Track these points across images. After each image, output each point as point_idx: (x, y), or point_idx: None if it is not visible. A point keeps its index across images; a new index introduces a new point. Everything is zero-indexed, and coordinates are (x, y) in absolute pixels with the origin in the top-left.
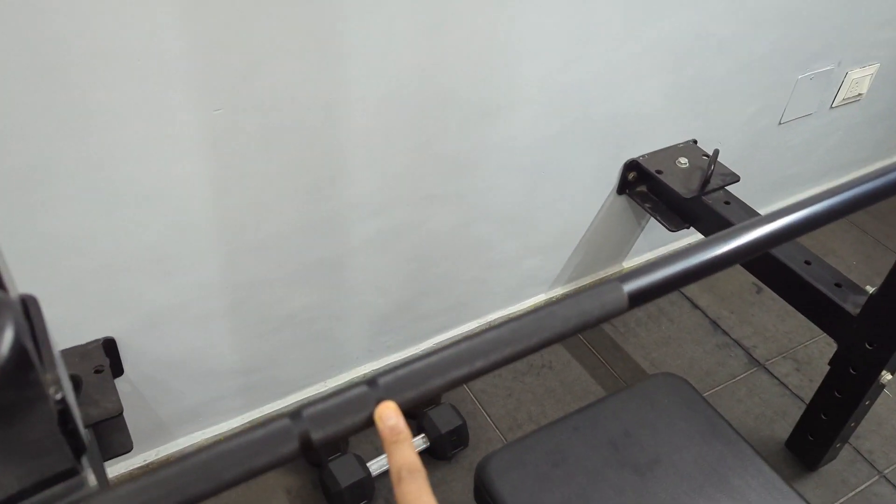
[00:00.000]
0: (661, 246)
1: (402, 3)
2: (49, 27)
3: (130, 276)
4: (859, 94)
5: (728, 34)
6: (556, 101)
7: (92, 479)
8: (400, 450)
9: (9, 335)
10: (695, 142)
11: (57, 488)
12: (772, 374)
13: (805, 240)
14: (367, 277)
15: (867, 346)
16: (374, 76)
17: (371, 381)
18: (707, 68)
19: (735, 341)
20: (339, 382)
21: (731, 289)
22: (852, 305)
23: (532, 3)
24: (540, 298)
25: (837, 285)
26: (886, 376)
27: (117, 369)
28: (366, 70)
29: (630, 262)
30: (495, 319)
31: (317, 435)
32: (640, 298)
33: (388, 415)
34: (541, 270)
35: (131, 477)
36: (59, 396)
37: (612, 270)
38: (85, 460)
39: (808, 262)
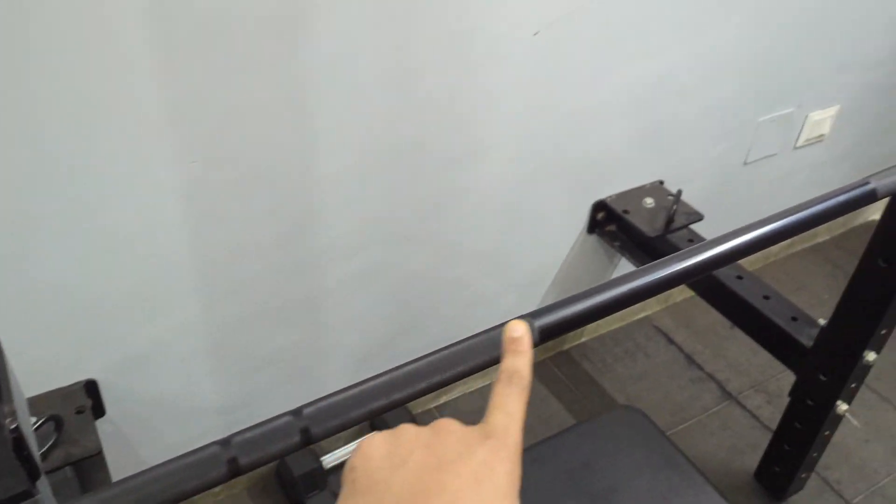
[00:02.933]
0: None
1: (368, 59)
2: (29, 85)
3: (111, 320)
4: (821, 135)
5: (689, 81)
6: (523, 146)
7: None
8: (515, 357)
9: None
10: (661, 182)
11: None
12: (744, 406)
13: (779, 275)
14: (347, 317)
15: (821, 377)
16: (344, 126)
17: (296, 411)
18: (671, 112)
19: (709, 375)
20: None
21: (706, 324)
22: (807, 338)
23: (495, 57)
24: None
25: (794, 319)
26: (842, 406)
27: (99, 410)
28: (335, 121)
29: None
30: None
31: (244, 460)
32: (550, 333)
33: (515, 328)
34: (518, 307)
35: None
36: (13, 426)
37: None
38: (42, 484)
39: (766, 297)
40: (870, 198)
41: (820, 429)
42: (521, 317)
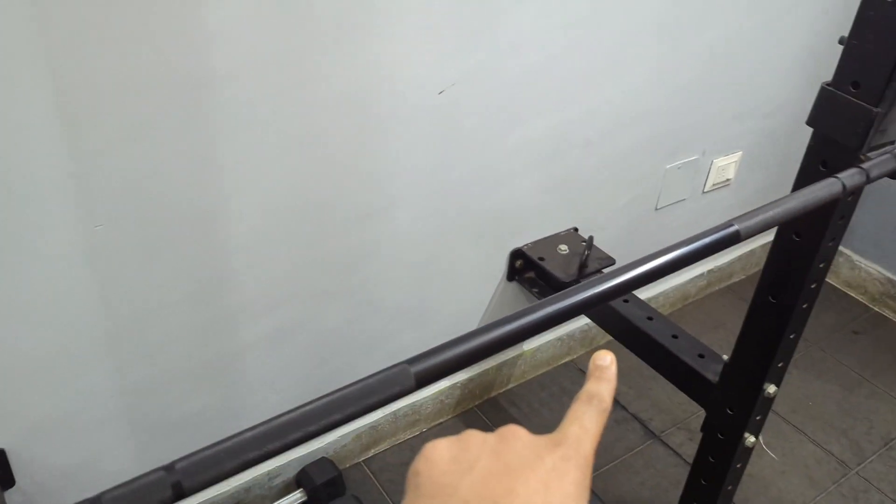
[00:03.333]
0: (559, 328)
1: (272, 121)
2: None
3: (19, 387)
4: (727, 180)
5: (592, 133)
6: (434, 201)
7: None
8: (597, 383)
9: None
10: (575, 229)
11: None
12: (667, 444)
13: (698, 314)
14: (263, 377)
15: (728, 411)
16: (250, 187)
17: (168, 466)
18: (577, 164)
19: (633, 415)
20: (242, 480)
21: (630, 365)
22: (712, 374)
23: (400, 116)
24: (444, 384)
25: (700, 356)
26: (750, 438)
27: (8, 480)
28: (241, 182)
29: (530, 346)
30: (400, 408)
31: None
32: (426, 379)
33: (604, 357)
34: None
35: None
36: None
37: (512, 354)
38: None
39: (675, 336)
40: (734, 238)
41: (732, 461)
42: (398, 365)
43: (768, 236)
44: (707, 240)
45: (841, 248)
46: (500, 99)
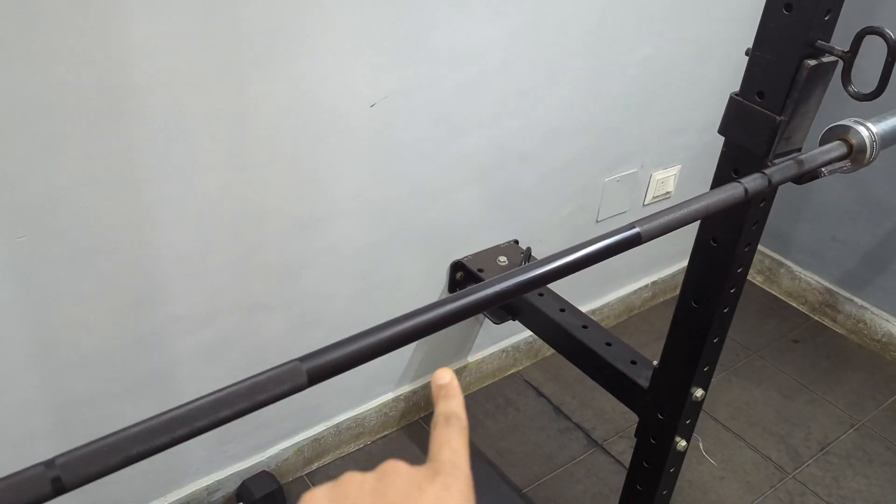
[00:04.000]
0: (504, 339)
1: (203, 130)
2: None
3: None
4: (668, 192)
5: (528, 148)
6: (373, 212)
7: None
8: (447, 401)
9: None
10: (516, 241)
11: None
12: (609, 453)
13: (642, 325)
14: (200, 389)
15: (659, 416)
16: (181, 196)
17: (48, 461)
18: (515, 177)
19: (576, 424)
20: (180, 496)
21: (574, 376)
22: (643, 379)
23: (336, 127)
24: (388, 397)
25: (633, 362)
26: (681, 443)
27: None
28: (172, 191)
29: (475, 357)
30: (343, 421)
31: None
32: (319, 376)
33: (442, 375)
34: (384, 370)
35: None
36: None
37: (458, 365)
38: None
39: (608, 344)
40: (636, 240)
41: (665, 466)
42: (290, 362)
43: None
44: (609, 241)
45: (781, 258)
46: (437, 112)
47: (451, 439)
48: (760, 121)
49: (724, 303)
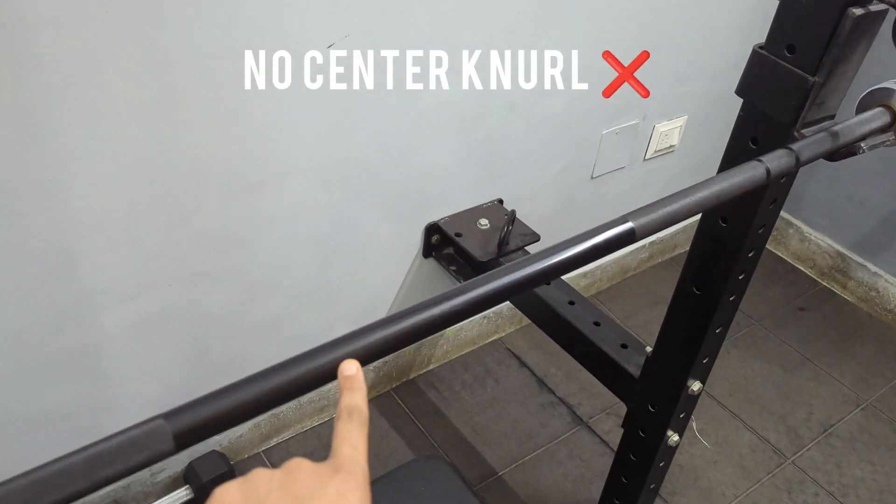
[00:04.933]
0: None
1: (118, 66)
2: None
3: None
4: (671, 146)
5: (519, 95)
6: (331, 170)
7: None
8: (351, 395)
9: None
10: (500, 201)
11: None
12: (594, 431)
13: (638, 288)
14: (135, 365)
15: (650, 408)
16: (96, 153)
17: None
18: (500, 129)
19: (560, 399)
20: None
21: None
22: (634, 367)
23: (280, 76)
24: None
25: (623, 346)
26: (674, 437)
27: None
28: (85, 146)
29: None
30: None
31: None
32: (187, 440)
33: (348, 367)
34: None
35: None
36: None
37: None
38: None
39: (597, 324)
40: (629, 238)
41: (654, 460)
42: (154, 420)
43: None
44: (597, 239)
45: (791, 218)
46: (407, 54)
47: (352, 435)
48: (789, 81)
49: (730, 290)
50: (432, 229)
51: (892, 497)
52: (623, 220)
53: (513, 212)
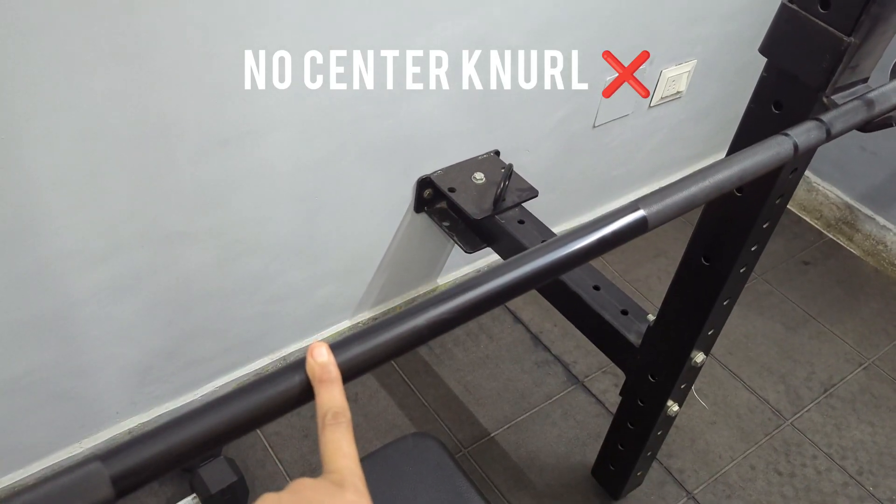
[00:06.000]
0: (480, 258)
1: (75, 20)
2: None
3: None
4: (678, 92)
5: (517, 38)
6: (315, 121)
7: None
8: (328, 390)
9: None
10: (497, 153)
11: None
12: (589, 391)
13: (638, 241)
14: (109, 329)
15: (650, 378)
16: (56, 105)
17: None
18: (498, 75)
19: (556, 357)
20: (98, 441)
21: None
22: (635, 335)
23: (252, 21)
24: (344, 325)
25: (624, 312)
26: (673, 407)
27: None
28: (45, 99)
29: (445, 279)
30: (290, 353)
31: None
32: (129, 483)
33: (321, 352)
34: (338, 297)
35: None
36: None
37: (424, 289)
38: None
39: (596, 288)
40: (641, 227)
41: (652, 430)
42: (91, 463)
43: (715, 155)
44: (605, 231)
45: None
46: None
47: (343, 443)
48: (821, 41)
49: (741, 262)
50: (424, 183)
51: (890, 459)
52: (633, 207)
53: (510, 166)
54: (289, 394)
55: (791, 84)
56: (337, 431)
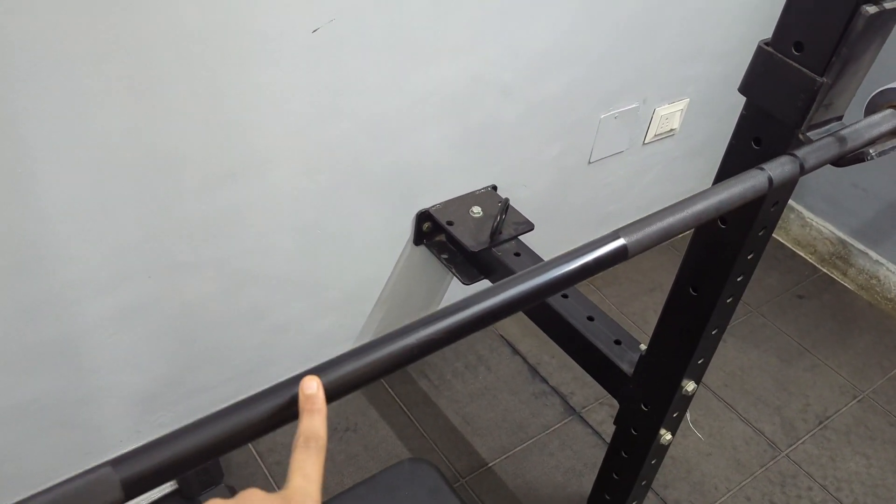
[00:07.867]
0: (479, 288)
1: (94, 55)
2: None
3: None
4: (672, 130)
5: (513, 78)
6: (316, 157)
7: None
8: (310, 419)
9: None
10: (494, 188)
11: None
12: (586, 422)
13: (634, 275)
14: (115, 357)
15: (643, 406)
16: (67, 140)
17: None
18: (495, 113)
19: (553, 388)
20: None
21: None
22: (628, 364)
23: (269, 56)
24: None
25: (617, 342)
26: (666, 436)
27: None
28: (59, 134)
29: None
30: None
31: None
32: (138, 488)
33: (310, 385)
34: (339, 328)
35: None
36: None
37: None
38: None
39: (590, 318)
40: (621, 255)
41: (645, 459)
42: (102, 467)
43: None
44: (587, 258)
45: (792, 203)
46: (397, 36)
47: (306, 465)
48: (796, 81)
49: (728, 293)
50: (423, 217)
51: (885, 491)
52: (615, 235)
53: (506, 200)
54: (280, 410)
55: (769, 121)
56: (304, 453)
